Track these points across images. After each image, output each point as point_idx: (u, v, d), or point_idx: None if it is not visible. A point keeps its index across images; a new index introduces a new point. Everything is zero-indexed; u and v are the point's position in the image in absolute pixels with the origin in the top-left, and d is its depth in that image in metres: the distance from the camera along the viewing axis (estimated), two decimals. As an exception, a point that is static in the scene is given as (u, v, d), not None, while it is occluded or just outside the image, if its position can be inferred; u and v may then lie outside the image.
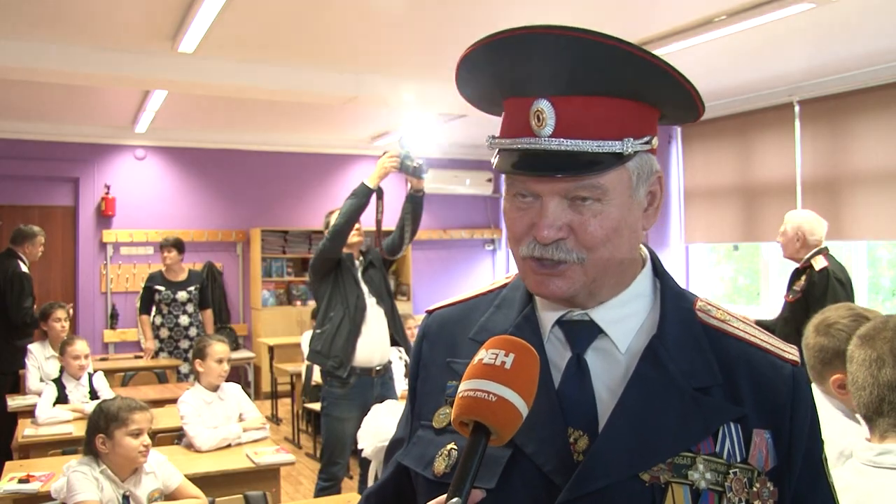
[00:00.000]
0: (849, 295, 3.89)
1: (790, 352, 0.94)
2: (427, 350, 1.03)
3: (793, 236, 4.07)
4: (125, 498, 2.71)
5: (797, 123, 6.02)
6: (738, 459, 0.86)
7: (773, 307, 4.29)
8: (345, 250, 3.98)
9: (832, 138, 5.78)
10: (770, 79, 5.88)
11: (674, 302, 0.94)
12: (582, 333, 0.92)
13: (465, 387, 0.78)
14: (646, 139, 0.88)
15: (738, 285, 7.29)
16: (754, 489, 0.85)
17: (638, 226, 0.92)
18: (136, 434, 2.74)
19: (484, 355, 0.80)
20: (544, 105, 0.85)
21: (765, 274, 6.61)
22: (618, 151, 0.85)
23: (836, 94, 5.70)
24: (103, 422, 2.73)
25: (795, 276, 4.09)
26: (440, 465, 0.90)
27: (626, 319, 0.92)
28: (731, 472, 0.84)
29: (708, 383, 0.88)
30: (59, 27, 4.53)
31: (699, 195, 7.02)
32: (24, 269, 5.53)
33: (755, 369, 0.90)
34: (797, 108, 6.01)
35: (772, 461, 0.87)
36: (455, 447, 0.90)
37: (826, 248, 4.05)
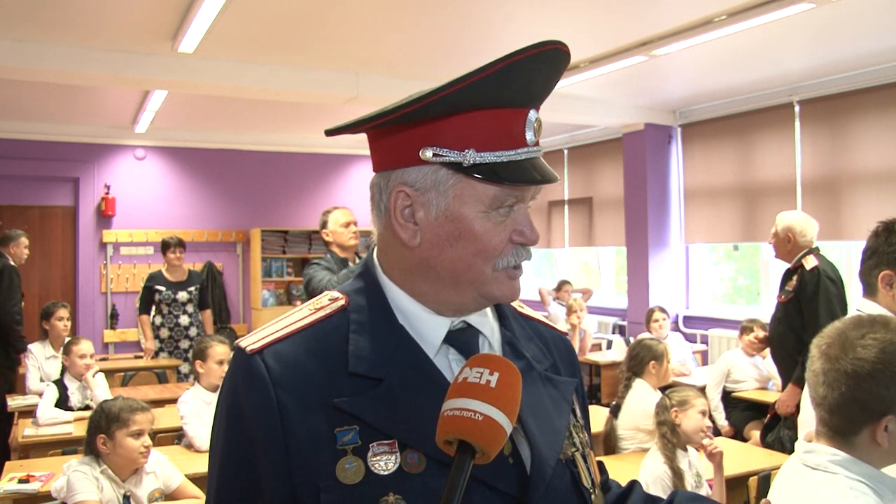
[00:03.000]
0: (840, 293, 3.89)
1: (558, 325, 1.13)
2: (285, 397, 0.85)
3: (784, 237, 4.06)
4: (126, 498, 2.72)
5: (797, 123, 6.03)
6: (576, 419, 1.00)
7: (772, 307, 4.29)
8: (342, 254, 3.96)
9: (832, 138, 5.78)
10: (770, 79, 5.89)
11: None
12: (469, 340, 0.94)
13: (449, 406, 0.77)
14: None
15: (738, 285, 7.29)
16: (585, 438, 1.01)
17: None
18: (137, 434, 2.75)
19: (468, 374, 0.78)
20: (537, 116, 0.90)
21: (765, 274, 6.61)
22: None
23: (836, 94, 5.71)
24: (104, 422, 2.73)
25: (787, 276, 4.08)
26: None
27: (484, 317, 0.97)
28: (576, 430, 0.99)
29: (547, 364, 1.00)
30: (60, 27, 4.54)
31: (699, 195, 7.02)
32: (13, 264, 5.49)
33: (555, 343, 1.06)
34: (797, 108, 6.02)
35: (581, 414, 1.04)
36: (400, 496, 0.82)
37: (817, 248, 4.04)
